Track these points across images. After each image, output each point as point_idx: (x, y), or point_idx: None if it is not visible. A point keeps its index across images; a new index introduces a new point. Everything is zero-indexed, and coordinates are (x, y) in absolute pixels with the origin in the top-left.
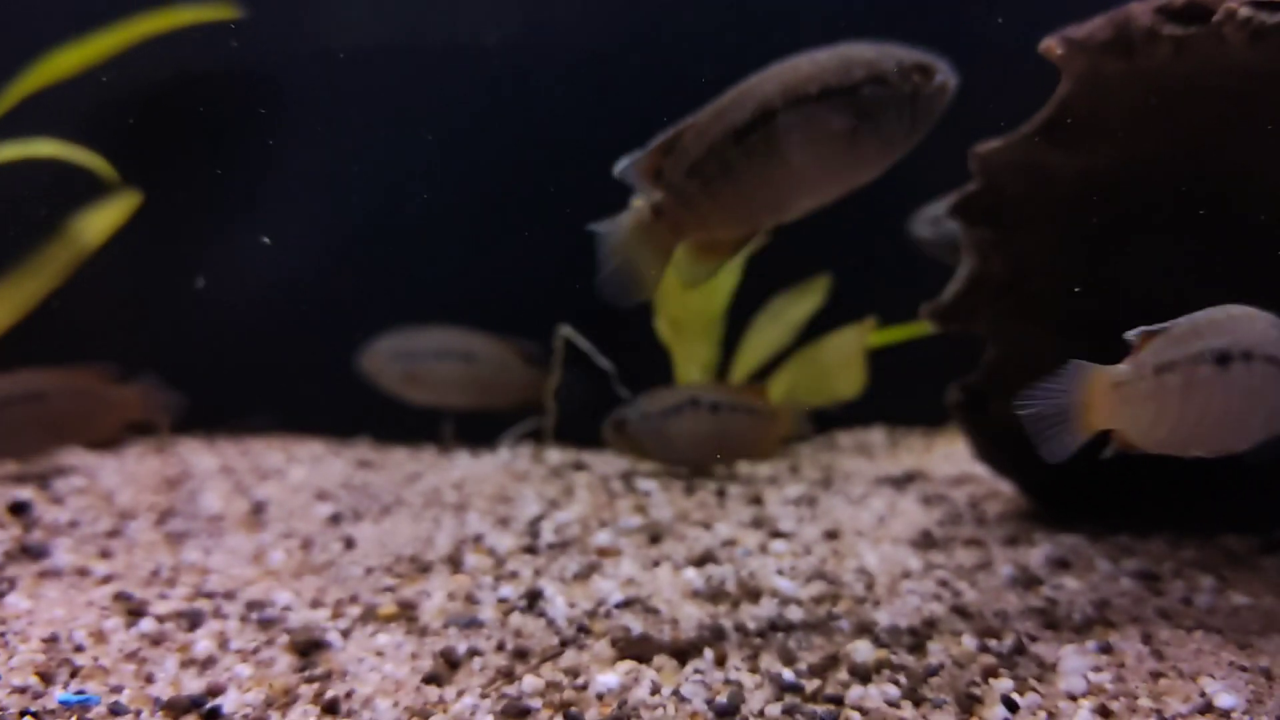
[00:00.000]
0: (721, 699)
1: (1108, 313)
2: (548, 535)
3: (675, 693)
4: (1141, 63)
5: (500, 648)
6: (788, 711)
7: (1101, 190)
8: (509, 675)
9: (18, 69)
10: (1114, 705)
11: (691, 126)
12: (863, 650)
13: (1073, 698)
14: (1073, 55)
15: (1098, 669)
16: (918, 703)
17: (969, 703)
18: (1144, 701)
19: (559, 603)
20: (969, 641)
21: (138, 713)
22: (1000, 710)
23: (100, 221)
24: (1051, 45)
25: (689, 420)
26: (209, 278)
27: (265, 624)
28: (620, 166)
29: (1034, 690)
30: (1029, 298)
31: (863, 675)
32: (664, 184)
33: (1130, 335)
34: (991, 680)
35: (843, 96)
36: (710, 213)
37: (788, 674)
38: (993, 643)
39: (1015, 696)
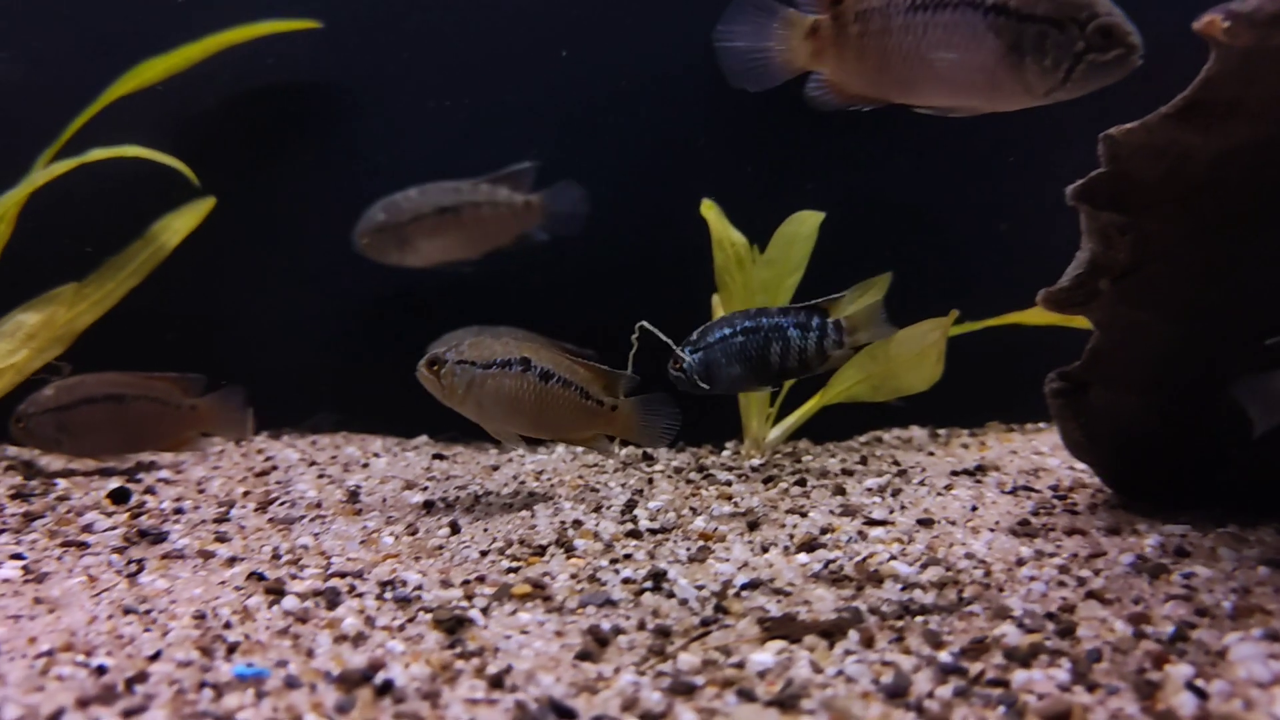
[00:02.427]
0: (887, 679)
1: (1228, 301)
2: (644, 521)
3: (840, 672)
4: None
5: (642, 626)
6: (960, 694)
7: (1239, 174)
8: (660, 653)
9: (113, 77)
10: None
11: None
12: (1011, 634)
13: (1262, 685)
14: (1238, 31)
15: (1274, 656)
16: (1091, 687)
17: (1147, 689)
18: None
19: (684, 583)
20: (1121, 627)
21: (312, 686)
22: (1188, 697)
23: (179, 224)
24: (1214, 21)
25: (514, 383)
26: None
27: (402, 602)
28: None
29: (1218, 677)
30: (1147, 284)
31: (1020, 659)
32: (835, 14)
33: None
34: (1166, 666)
35: (1010, 19)
36: (852, 60)
37: (944, 656)
38: (1148, 629)
39: (1201, 683)
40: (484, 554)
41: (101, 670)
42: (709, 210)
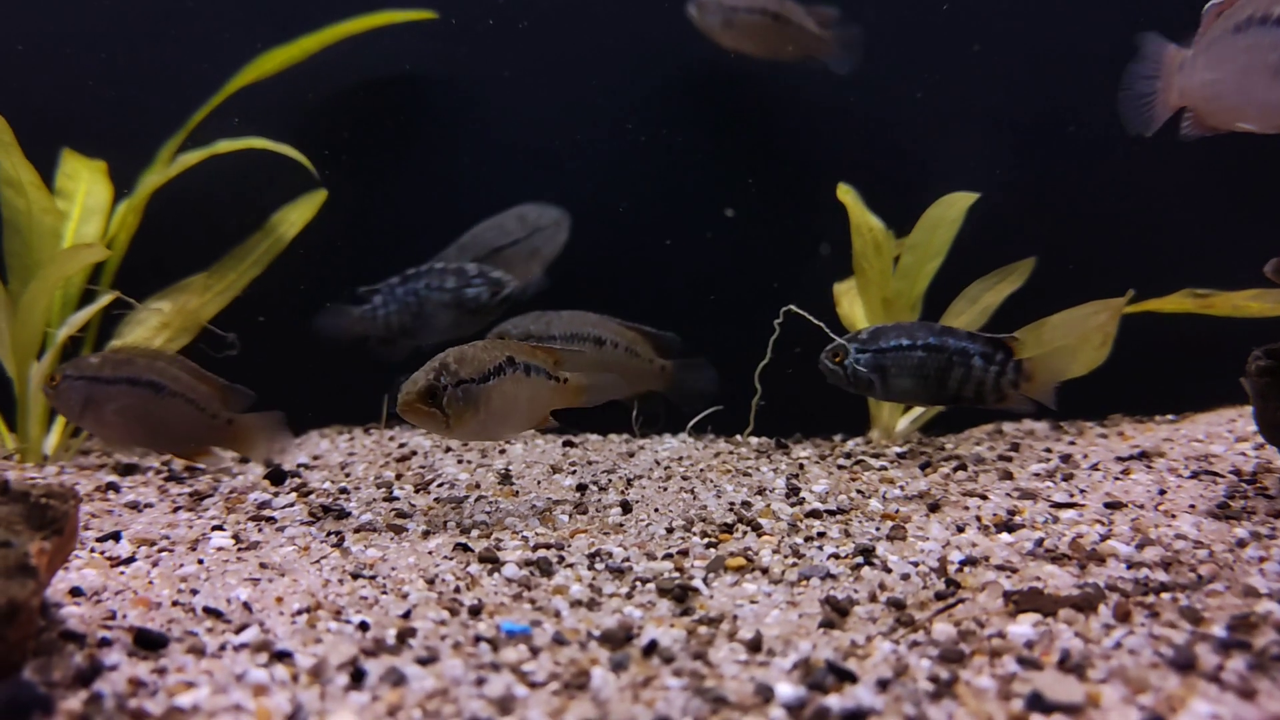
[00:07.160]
0: (1167, 652)
1: None
2: (815, 503)
3: (1119, 644)
4: None
5: (873, 599)
6: (1254, 668)
7: None
8: (909, 624)
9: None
10: None
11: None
12: (1277, 611)
13: None
14: None
15: None
16: None
17: None
18: None
19: (895, 559)
20: None
21: (582, 643)
22: None
23: (295, 215)
24: None
25: (509, 385)
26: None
27: (616, 572)
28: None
29: None
30: None
31: None
32: (1203, 39)
33: None
34: None
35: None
36: (1198, 85)
37: (1217, 631)
38: None
39: None
40: (670, 531)
41: (365, 626)
42: (846, 195)
